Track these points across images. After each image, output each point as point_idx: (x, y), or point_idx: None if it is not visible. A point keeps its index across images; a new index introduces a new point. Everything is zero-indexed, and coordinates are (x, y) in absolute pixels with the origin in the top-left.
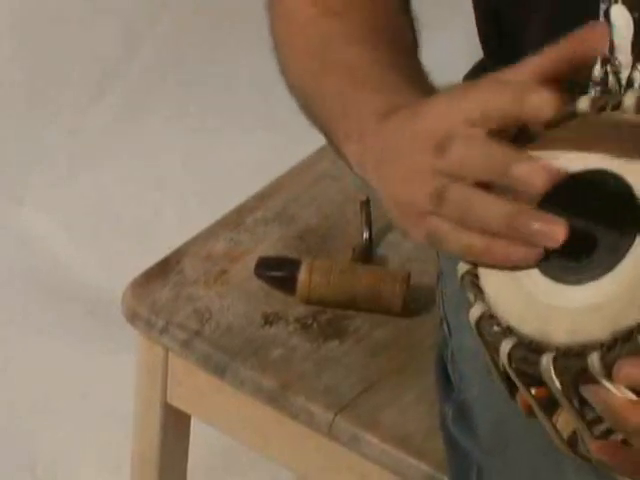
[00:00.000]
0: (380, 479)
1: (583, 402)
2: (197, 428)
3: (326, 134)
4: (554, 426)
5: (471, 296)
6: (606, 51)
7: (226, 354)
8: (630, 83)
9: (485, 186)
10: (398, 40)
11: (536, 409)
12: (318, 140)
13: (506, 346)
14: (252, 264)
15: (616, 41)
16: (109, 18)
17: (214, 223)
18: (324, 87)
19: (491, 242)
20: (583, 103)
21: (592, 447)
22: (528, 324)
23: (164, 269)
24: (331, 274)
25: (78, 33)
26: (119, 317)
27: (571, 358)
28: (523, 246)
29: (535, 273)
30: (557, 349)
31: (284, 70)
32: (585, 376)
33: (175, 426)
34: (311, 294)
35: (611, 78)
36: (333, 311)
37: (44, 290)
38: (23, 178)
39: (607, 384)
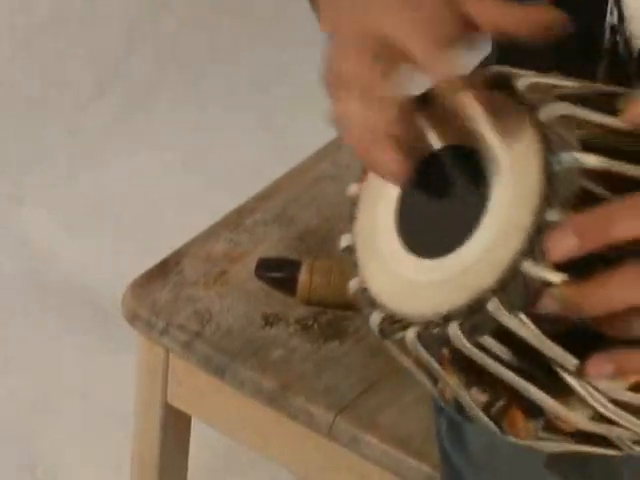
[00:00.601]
0: None
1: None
2: (197, 428)
3: None
4: (440, 394)
5: (352, 270)
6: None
7: (226, 355)
8: None
9: None
10: None
11: (424, 380)
12: (318, 141)
13: (376, 318)
14: (252, 265)
15: (626, 12)
16: (109, 18)
17: (214, 224)
18: None
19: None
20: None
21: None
22: (392, 297)
23: (164, 270)
24: (331, 275)
25: (78, 33)
26: (119, 317)
27: (470, 318)
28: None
29: (398, 247)
30: (455, 317)
31: None
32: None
33: (175, 426)
34: (311, 295)
35: (621, 47)
36: (333, 312)
37: (44, 290)
38: (23, 178)
39: (547, 275)
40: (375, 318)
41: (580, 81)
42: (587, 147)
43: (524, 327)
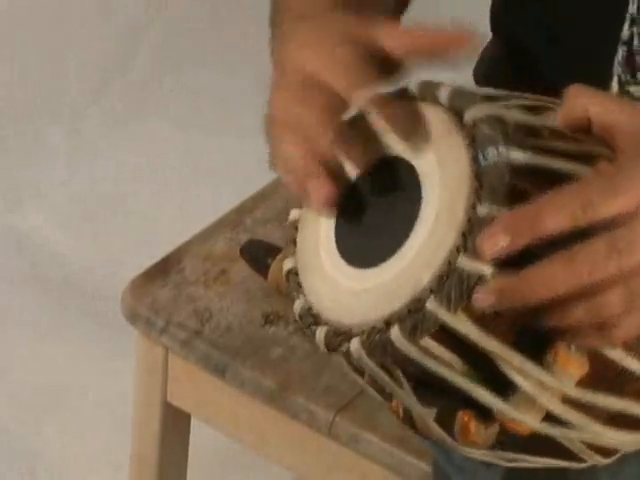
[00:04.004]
0: (380, 479)
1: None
2: (197, 428)
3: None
4: (393, 410)
5: (294, 293)
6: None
7: (226, 354)
8: None
9: None
10: None
11: (376, 396)
12: None
13: (320, 333)
14: None
15: None
16: (109, 19)
17: (214, 223)
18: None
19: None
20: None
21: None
22: (336, 311)
23: (164, 269)
24: None
25: (78, 33)
26: (119, 317)
27: (373, 336)
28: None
29: (339, 262)
30: (362, 332)
31: None
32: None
33: (175, 426)
34: (280, 284)
35: (636, 41)
36: None
37: (43, 290)
38: (23, 178)
39: (480, 268)
40: (320, 333)
41: (502, 90)
42: (514, 145)
43: (464, 324)
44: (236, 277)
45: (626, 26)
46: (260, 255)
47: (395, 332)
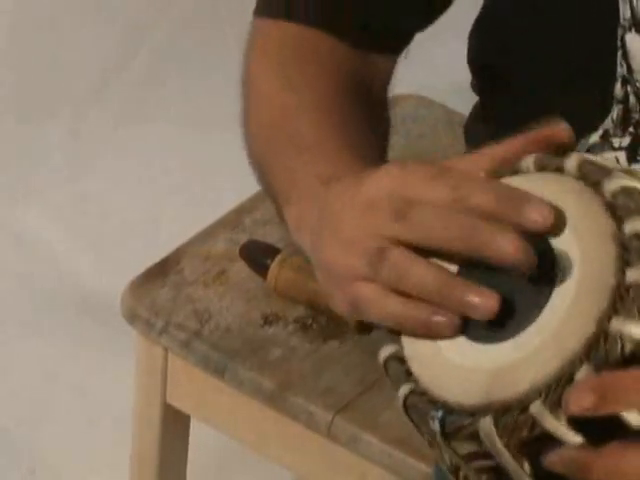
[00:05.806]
0: (380, 479)
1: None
2: (197, 428)
3: (276, 205)
4: None
5: (400, 379)
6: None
7: (225, 354)
8: None
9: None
10: (351, 123)
11: None
12: None
13: (436, 417)
14: None
15: (634, 65)
16: (109, 19)
17: (214, 223)
18: (278, 159)
19: (413, 309)
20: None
21: None
22: (450, 391)
23: (163, 269)
24: (300, 272)
25: (79, 33)
26: (119, 317)
27: (509, 414)
28: (444, 315)
29: (460, 339)
30: (495, 410)
31: (247, 141)
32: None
33: (175, 426)
34: (278, 286)
35: (632, 99)
36: (332, 312)
37: (43, 290)
38: (23, 178)
39: (555, 424)
40: (436, 416)
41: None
42: None
43: None
44: (235, 278)
45: (618, 85)
46: (259, 256)
47: (537, 407)
